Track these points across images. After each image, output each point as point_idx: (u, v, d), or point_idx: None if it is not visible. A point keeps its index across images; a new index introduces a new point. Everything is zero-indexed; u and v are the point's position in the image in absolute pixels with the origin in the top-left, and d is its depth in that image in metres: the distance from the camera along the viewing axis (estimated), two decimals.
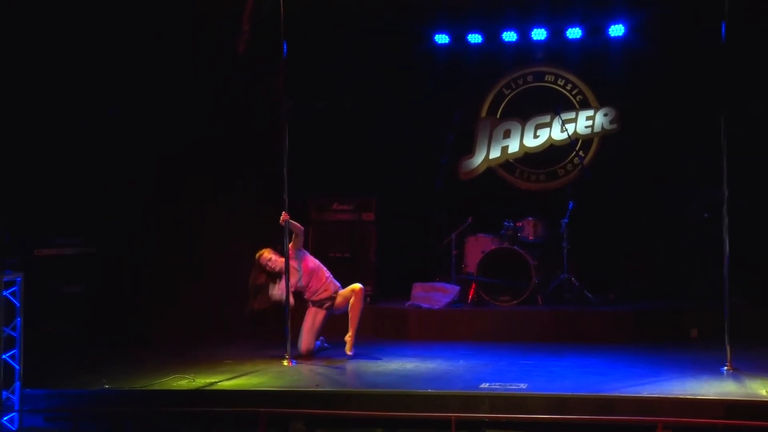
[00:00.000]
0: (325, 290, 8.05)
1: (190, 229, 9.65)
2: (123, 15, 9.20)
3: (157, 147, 9.70)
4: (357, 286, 7.94)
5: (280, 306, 7.85)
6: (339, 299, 8.01)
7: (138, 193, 9.70)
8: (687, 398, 6.14)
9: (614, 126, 10.52)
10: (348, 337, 7.91)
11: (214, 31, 9.25)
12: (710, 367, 7.09)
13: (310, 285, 8.03)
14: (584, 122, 10.55)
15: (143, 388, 6.84)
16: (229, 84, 9.59)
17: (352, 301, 7.93)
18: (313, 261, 8.14)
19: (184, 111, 9.68)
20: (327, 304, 8.07)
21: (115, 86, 9.58)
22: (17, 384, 6.69)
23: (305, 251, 8.19)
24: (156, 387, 6.87)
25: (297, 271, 7.94)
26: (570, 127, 10.43)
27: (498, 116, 10.82)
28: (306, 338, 8.00)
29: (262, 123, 9.17)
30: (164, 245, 9.62)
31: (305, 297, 8.12)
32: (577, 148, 10.38)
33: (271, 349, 8.18)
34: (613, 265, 10.04)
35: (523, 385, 6.58)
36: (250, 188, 9.68)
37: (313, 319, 8.05)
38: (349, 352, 7.87)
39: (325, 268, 8.14)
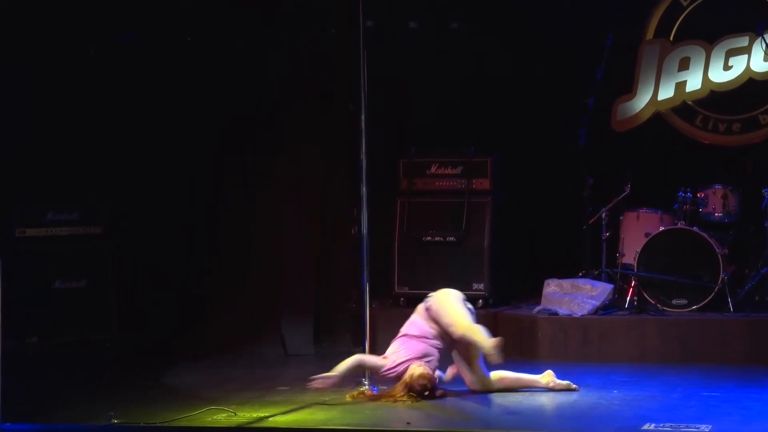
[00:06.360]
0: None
1: (233, 202, 9.86)
2: None
3: (187, 82, 9.95)
4: None
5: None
6: None
7: (159, 152, 9.92)
8: None
9: None
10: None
11: None
12: None
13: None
14: None
15: (165, 425, 6.83)
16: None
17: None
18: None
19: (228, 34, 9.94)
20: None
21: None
22: None
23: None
24: (183, 423, 6.85)
25: None
26: None
27: (671, 39, 10.76)
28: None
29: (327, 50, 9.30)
30: (196, 223, 9.83)
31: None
32: None
33: None
34: None
35: (705, 428, 6.53)
36: (314, 141, 9.81)
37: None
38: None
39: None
